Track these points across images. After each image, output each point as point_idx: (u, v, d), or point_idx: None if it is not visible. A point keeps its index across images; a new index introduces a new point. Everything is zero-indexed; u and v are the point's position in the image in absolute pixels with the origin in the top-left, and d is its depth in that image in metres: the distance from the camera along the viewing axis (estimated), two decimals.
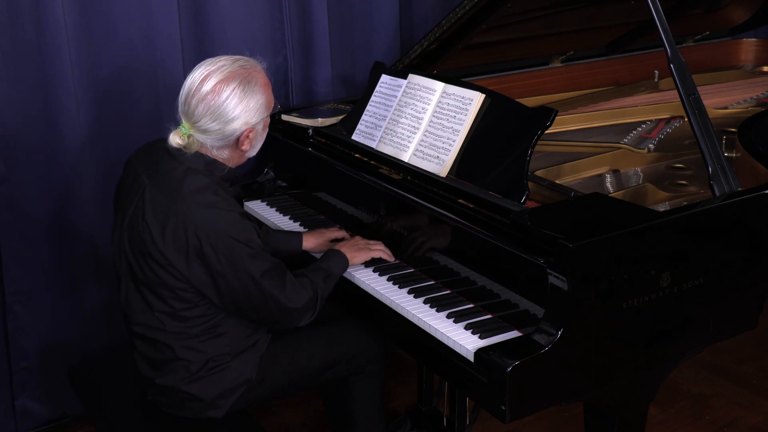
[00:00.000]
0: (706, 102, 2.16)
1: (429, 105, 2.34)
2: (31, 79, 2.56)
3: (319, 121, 2.71)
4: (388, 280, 2.19)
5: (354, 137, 2.54)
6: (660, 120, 2.89)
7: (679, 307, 1.96)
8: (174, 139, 1.97)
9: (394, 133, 2.40)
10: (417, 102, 2.38)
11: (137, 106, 2.76)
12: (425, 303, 2.06)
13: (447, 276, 2.14)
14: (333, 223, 2.55)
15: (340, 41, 3.20)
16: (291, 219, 2.63)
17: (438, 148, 2.26)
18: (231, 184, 2.76)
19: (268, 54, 3.01)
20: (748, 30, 3.64)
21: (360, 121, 2.54)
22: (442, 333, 1.93)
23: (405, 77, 2.47)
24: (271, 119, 2.78)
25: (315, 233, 2.43)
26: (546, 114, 2.07)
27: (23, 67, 2.54)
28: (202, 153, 2.01)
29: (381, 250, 2.26)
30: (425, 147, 2.30)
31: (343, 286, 2.25)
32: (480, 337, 1.88)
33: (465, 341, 1.88)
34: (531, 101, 2.88)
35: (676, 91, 2.15)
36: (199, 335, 2.03)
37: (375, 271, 2.24)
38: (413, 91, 2.41)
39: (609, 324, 1.85)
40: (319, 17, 3.05)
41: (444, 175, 2.21)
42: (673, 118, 2.91)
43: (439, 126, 2.29)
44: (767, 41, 3.69)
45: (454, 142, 2.23)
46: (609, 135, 2.75)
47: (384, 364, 2.39)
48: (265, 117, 2.06)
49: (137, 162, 2.09)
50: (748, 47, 3.70)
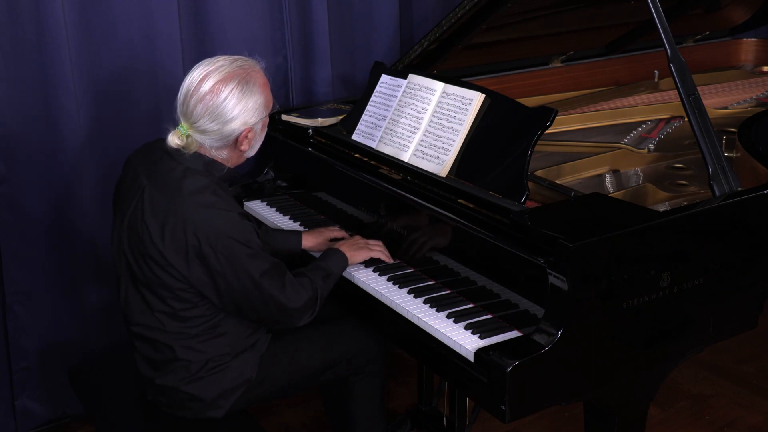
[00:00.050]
0: (706, 102, 2.16)
1: (429, 105, 2.34)
2: (31, 79, 2.56)
3: (319, 121, 2.71)
4: (388, 280, 2.19)
5: (354, 137, 2.54)
6: (660, 120, 2.89)
7: (679, 307, 1.96)
8: (173, 140, 1.97)
9: (394, 133, 2.40)
10: (417, 102, 2.38)
11: (137, 106, 2.76)
12: (425, 303, 2.06)
13: (447, 276, 2.14)
14: (333, 223, 2.55)
15: (340, 41, 3.20)
16: (291, 219, 2.63)
17: (438, 148, 2.26)
18: (231, 184, 2.77)
19: (268, 54, 3.01)
20: (748, 30, 3.64)
21: (360, 121, 2.54)
22: (442, 333, 1.93)
23: (405, 77, 2.47)
24: (271, 119, 2.79)
25: (314, 232, 2.43)
26: (546, 114, 2.07)
27: (23, 67, 2.54)
28: (200, 153, 2.01)
29: (380, 250, 2.26)
30: (425, 147, 2.30)
31: (343, 285, 2.24)
32: (480, 337, 1.88)
33: (465, 341, 1.88)
34: (531, 101, 2.88)
35: (676, 91, 2.15)
36: (199, 335, 2.03)
37: (375, 271, 2.24)
38: (413, 91, 2.41)
39: (609, 324, 1.85)
40: (319, 17, 3.05)
41: (444, 175, 2.21)
42: (673, 118, 2.91)
43: (439, 126, 2.29)
44: (767, 41, 3.69)
45: (454, 142, 2.23)
46: (609, 135, 2.74)
47: (384, 364, 2.39)
48: (264, 117, 2.06)
49: (136, 162, 2.09)
50: (748, 47, 3.70)
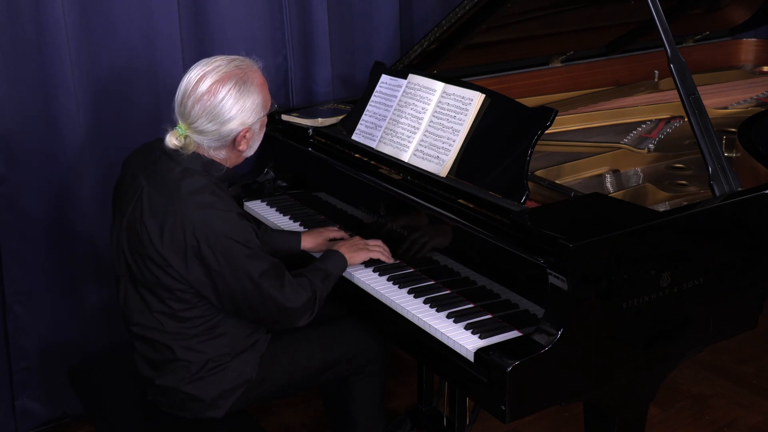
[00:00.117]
0: (706, 102, 2.16)
1: (429, 105, 2.34)
2: (31, 79, 2.56)
3: (319, 121, 2.71)
4: (388, 280, 2.19)
5: (354, 137, 2.54)
6: (660, 120, 2.89)
7: (679, 307, 1.96)
8: (171, 140, 1.96)
9: (394, 133, 2.40)
10: (417, 102, 2.38)
11: (137, 106, 2.76)
12: (425, 303, 2.06)
13: (447, 276, 2.14)
14: (333, 223, 2.55)
15: (340, 41, 3.20)
16: (291, 219, 2.63)
17: (438, 148, 2.26)
18: (231, 183, 2.77)
19: (268, 54, 3.01)
20: (748, 30, 3.64)
21: (360, 121, 2.54)
22: (442, 333, 1.93)
23: (405, 77, 2.47)
24: (271, 119, 2.80)
25: (313, 233, 2.43)
26: (546, 114, 2.07)
27: (23, 67, 2.54)
28: (199, 153, 2.01)
29: (379, 251, 2.26)
30: (425, 147, 2.30)
31: (343, 286, 2.24)
32: (480, 337, 1.88)
33: (465, 341, 1.88)
34: (531, 101, 2.88)
35: (676, 91, 2.15)
36: (198, 336, 2.03)
37: (375, 271, 2.24)
38: (413, 91, 2.41)
39: (609, 324, 1.85)
40: (319, 17, 3.05)
41: (444, 175, 2.21)
42: (673, 118, 2.91)
43: (439, 126, 2.29)
44: (767, 41, 3.69)
45: (454, 142, 2.23)
46: (609, 135, 2.74)
47: (384, 364, 2.39)
48: (262, 117, 2.05)
49: (135, 162, 2.09)
50: (748, 47, 3.70)
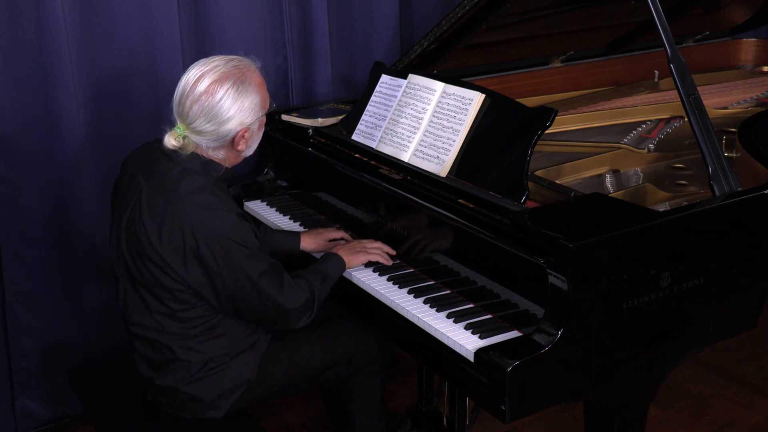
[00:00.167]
0: (706, 102, 2.16)
1: (429, 105, 2.34)
2: (31, 79, 2.56)
3: (319, 121, 2.70)
4: (388, 280, 2.19)
5: (354, 137, 2.54)
6: (660, 120, 2.89)
7: (679, 307, 1.96)
8: (169, 141, 1.96)
9: (394, 133, 2.40)
10: (417, 102, 2.38)
11: (137, 106, 2.76)
12: (425, 303, 2.06)
13: (447, 276, 2.14)
14: (333, 223, 2.55)
15: (340, 41, 3.20)
16: (291, 219, 2.63)
17: (438, 148, 2.26)
18: (231, 183, 2.77)
19: (268, 54, 3.01)
20: (748, 30, 3.64)
21: (360, 121, 2.54)
22: (442, 333, 1.93)
23: (405, 77, 2.47)
24: (271, 119, 2.80)
25: (313, 233, 2.43)
26: (546, 114, 2.07)
27: (23, 67, 2.54)
28: (197, 153, 2.01)
29: (378, 253, 2.25)
30: (425, 147, 2.30)
31: (343, 286, 2.24)
32: (480, 337, 1.88)
33: (465, 341, 1.88)
34: (531, 101, 2.88)
35: (676, 91, 2.15)
36: (198, 336, 2.03)
37: (375, 271, 2.24)
38: (413, 91, 2.41)
39: (609, 324, 1.85)
40: (319, 17, 3.05)
41: (444, 175, 2.21)
42: (673, 118, 2.91)
43: (439, 126, 2.29)
44: (767, 41, 3.69)
45: (454, 142, 2.23)
46: (609, 135, 2.74)
47: (384, 364, 2.39)
48: (261, 116, 2.05)
49: (134, 163, 2.09)
50: (748, 47, 3.70)
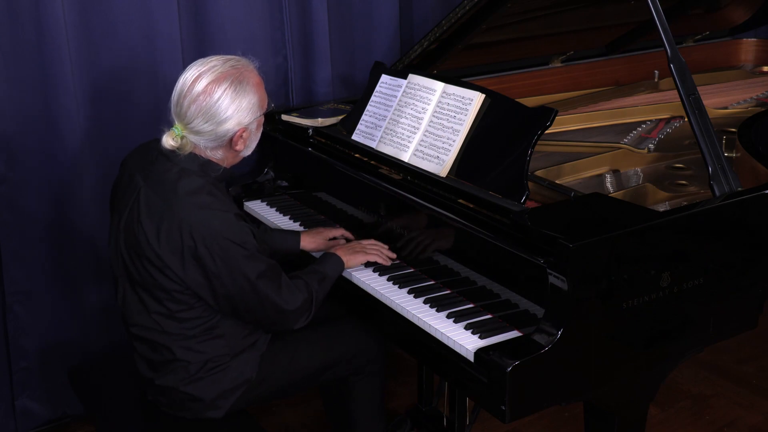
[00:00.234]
0: (706, 102, 2.16)
1: (429, 105, 2.34)
2: (31, 79, 2.56)
3: (319, 121, 2.71)
4: (388, 280, 2.19)
5: (354, 137, 2.54)
6: (660, 120, 2.89)
7: (679, 307, 1.96)
8: (167, 141, 1.96)
9: (394, 133, 2.40)
10: (417, 102, 2.38)
11: (137, 106, 2.76)
12: (425, 303, 2.06)
13: (447, 276, 2.14)
14: (333, 224, 2.55)
15: (340, 41, 3.20)
16: (291, 219, 2.63)
17: (438, 148, 2.26)
18: (230, 183, 2.77)
19: (268, 54, 3.01)
20: (748, 30, 3.64)
21: (360, 121, 2.54)
22: (442, 333, 1.93)
23: (405, 77, 2.47)
24: (271, 119, 2.80)
25: (312, 232, 2.43)
26: (546, 114, 2.07)
27: (23, 67, 2.54)
28: (196, 154, 2.00)
29: (377, 253, 2.25)
30: (425, 147, 2.30)
31: (343, 286, 2.24)
32: (480, 337, 1.88)
33: (465, 341, 1.88)
34: (531, 101, 2.88)
35: (676, 91, 2.15)
36: (197, 336, 2.02)
37: (375, 271, 2.24)
38: (413, 91, 2.41)
39: (609, 324, 1.85)
40: (319, 17, 3.05)
41: (444, 175, 2.21)
42: (673, 118, 2.91)
43: (439, 126, 2.29)
44: (767, 41, 3.69)
45: (454, 142, 2.23)
46: (609, 135, 2.75)
47: (384, 364, 2.38)
48: (259, 116, 2.04)
49: (132, 163, 2.09)
50: (748, 47, 3.70)
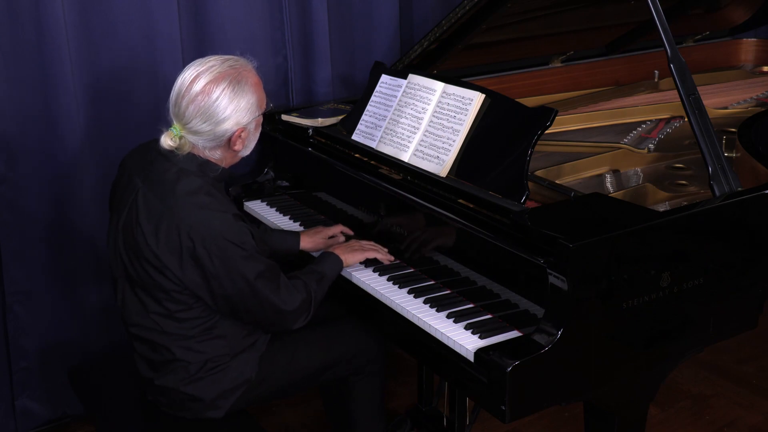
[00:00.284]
0: (706, 102, 2.16)
1: (429, 105, 2.34)
2: (31, 79, 2.56)
3: (319, 121, 2.71)
4: (388, 280, 2.19)
5: (354, 137, 2.54)
6: (660, 120, 2.89)
7: (679, 307, 1.96)
8: (165, 141, 1.96)
9: (394, 133, 2.40)
10: (417, 102, 2.38)
11: (137, 106, 2.76)
12: (425, 303, 2.06)
13: (447, 276, 2.14)
14: (333, 223, 2.55)
15: (340, 41, 3.20)
16: (291, 219, 2.63)
17: (438, 148, 2.26)
18: (231, 183, 2.77)
19: (268, 54, 3.01)
20: (748, 30, 3.64)
21: (360, 121, 2.54)
22: (442, 333, 1.93)
23: (405, 77, 2.47)
24: (271, 119, 2.81)
25: (312, 231, 2.43)
26: (546, 114, 2.07)
27: (23, 67, 2.54)
28: (194, 154, 2.00)
29: (375, 250, 2.25)
30: (425, 147, 2.30)
31: (343, 286, 2.24)
32: (480, 337, 1.88)
33: (465, 341, 1.88)
34: (531, 101, 2.88)
35: (676, 91, 2.15)
36: (196, 336, 2.02)
37: (375, 271, 2.24)
38: (413, 91, 2.41)
39: (609, 324, 1.85)
40: (319, 17, 3.05)
41: (444, 175, 2.21)
42: (673, 118, 2.91)
43: (439, 126, 2.29)
44: (767, 41, 3.69)
45: (454, 142, 2.23)
46: (609, 135, 2.75)
47: (384, 364, 2.39)
48: (257, 116, 2.04)
49: (131, 163, 2.09)
50: (748, 47, 3.70)
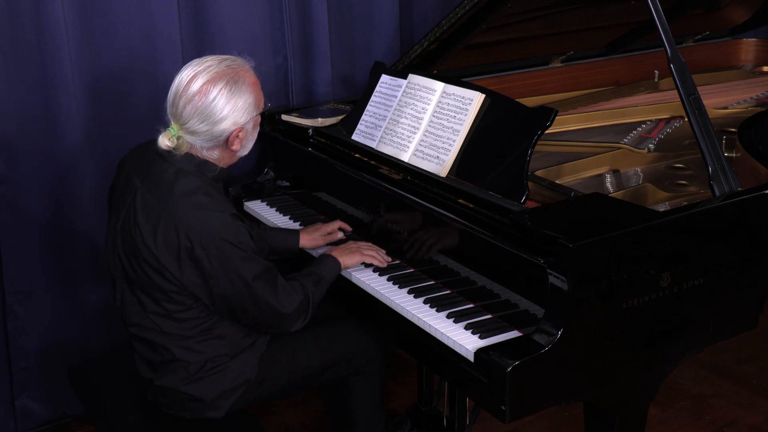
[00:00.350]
0: (706, 102, 2.16)
1: (429, 105, 2.34)
2: (31, 79, 2.56)
3: (319, 121, 2.71)
4: (388, 280, 2.19)
5: (354, 137, 2.54)
6: (660, 120, 2.89)
7: (679, 307, 1.96)
8: (163, 141, 1.96)
9: (394, 133, 2.40)
10: (417, 102, 2.38)
11: (137, 106, 2.76)
12: (425, 303, 2.06)
13: (447, 276, 2.14)
14: None
15: (340, 41, 3.20)
16: (291, 219, 2.63)
17: (438, 148, 2.26)
18: (231, 183, 2.77)
19: (268, 54, 3.01)
20: (748, 30, 3.64)
21: (360, 121, 2.54)
22: (442, 333, 1.93)
23: (405, 77, 2.47)
24: (271, 119, 2.81)
25: (310, 229, 2.43)
26: (546, 114, 2.07)
27: (23, 67, 2.54)
28: (192, 154, 2.00)
29: (373, 255, 2.24)
30: (425, 147, 2.30)
31: (343, 286, 2.24)
32: (480, 337, 1.88)
33: (465, 341, 1.88)
34: (531, 101, 2.88)
35: (676, 91, 2.15)
36: (195, 336, 2.02)
37: (375, 271, 2.24)
38: (413, 91, 2.41)
39: (609, 324, 1.85)
40: (319, 17, 3.05)
41: (444, 175, 2.21)
42: (673, 118, 2.91)
43: (439, 126, 2.29)
44: (767, 41, 3.69)
45: (454, 142, 2.23)
46: (609, 135, 2.75)
47: (384, 364, 2.39)
48: (255, 116, 2.04)
49: (129, 164, 2.09)
50: (748, 47, 3.70)
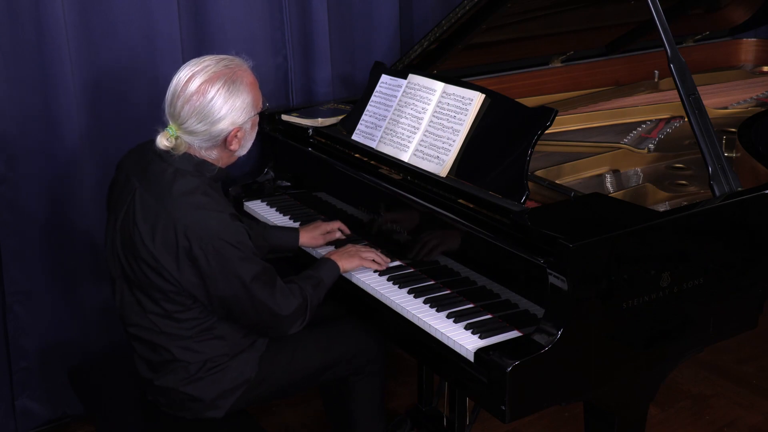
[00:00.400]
0: (706, 102, 2.16)
1: (429, 105, 2.34)
2: (31, 79, 2.56)
3: (319, 121, 2.71)
4: (388, 280, 2.19)
5: (354, 137, 2.54)
6: (660, 120, 2.89)
7: (679, 307, 1.96)
8: (161, 141, 1.96)
9: (394, 133, 2.40)
10: (417, 102, 2.38)
11: (137, 106, 2.76)
12: (425, 303, 2.06)
13: (447, 276, 2.14)
14: None
15: (340, 41, 3.20)
16: (291, 219, 2.63)
17: (438, 148, 2.26)
18: (230, 183, 2.77)
19: (268, 54, 3.01)
20: (748, 30, 3.64)
21: (360, 121, 2.54)
22: (442, 333, 1.93)
23: (405, 77, 2.47)
24: (271, 119, 2.81)
25: (310, 227, 2.44)
26: (546, 114, 2.07)
27: (23, 67, 2.54)
28: (190, 154, 2.00)
29: (372, 259, 2.24)
30: (425, 147, 2.30)
31: (343, 286, 2.24)
32: (480, 337, 1.88)
33: (465, 341, 1.88)
34: (531, 101, 2.88)
35: (676, 91, 2.15)
36: (194, 337, 2.02)
37: (375, 271, 2.23)
38: (413, 91, 2.41)
39: (609, 324, 1.85)
40: (319, 17, 3.05)
41: (444, 175, 2.21)
42: (673, 118, 2.91)
43: (439, 126, 2.29)
44: (767, 41, 3.69)
45: (454, 142, 2.23)
46: (609, 135, 2.75)
47: (384, 364, 2.39)
48: (253, 116, 2.04)
49: (128, 164, 2.09)
50: (748, 47, 3.70)
